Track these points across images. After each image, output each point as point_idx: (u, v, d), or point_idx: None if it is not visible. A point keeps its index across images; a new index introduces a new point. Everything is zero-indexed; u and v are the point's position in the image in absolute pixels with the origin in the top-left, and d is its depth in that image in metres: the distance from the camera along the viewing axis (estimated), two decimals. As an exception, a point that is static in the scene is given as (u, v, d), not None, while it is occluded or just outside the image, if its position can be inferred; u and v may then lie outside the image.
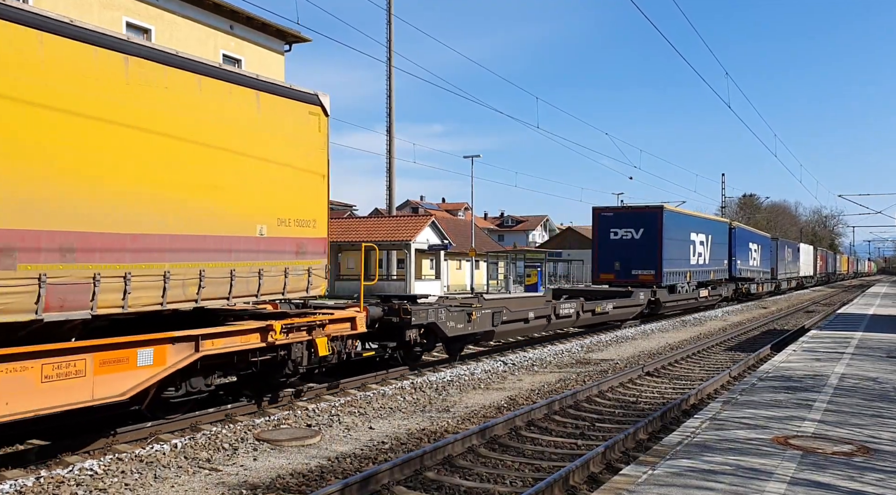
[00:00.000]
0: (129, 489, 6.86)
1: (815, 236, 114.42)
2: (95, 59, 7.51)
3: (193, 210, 8.54)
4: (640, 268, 24.98)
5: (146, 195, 7.96)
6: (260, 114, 9.64)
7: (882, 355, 13.93)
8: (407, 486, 7.06)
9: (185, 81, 8.55)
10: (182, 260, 8.38)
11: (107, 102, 7.59)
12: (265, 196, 9.61)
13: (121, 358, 7.72)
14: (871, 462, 6.39)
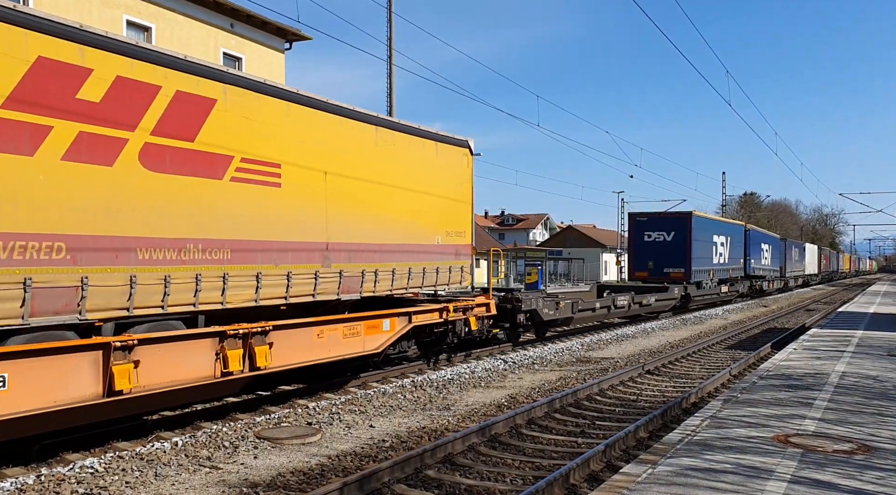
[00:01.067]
0: (130, 487, 6.87)
1: (815, 235, 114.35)
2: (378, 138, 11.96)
3: (406, 228, 12.63)
4: (671, 266, 28.06)
5: (385, 220, 12.05)
6: (437, 159, 13.68)
7: (882, 353, 13.92)
8: (407, 484, 7.06)
9: (403, 140, 12.68)
10: (401, 260, 12.48)
11: (367, 163, 11.66)
12: (439, 216, 13.59)
13: (375, 325, 11.60)
14: (871, 460, 6.39)
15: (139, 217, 8.04)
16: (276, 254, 9.79)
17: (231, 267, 9.08)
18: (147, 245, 8.13)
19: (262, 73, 29.32)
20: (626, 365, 15.29)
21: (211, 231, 8.84)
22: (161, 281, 8.23)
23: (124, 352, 7.66)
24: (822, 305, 38.22)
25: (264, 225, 9.63)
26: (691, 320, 26.43)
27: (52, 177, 7.21)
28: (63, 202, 7.31)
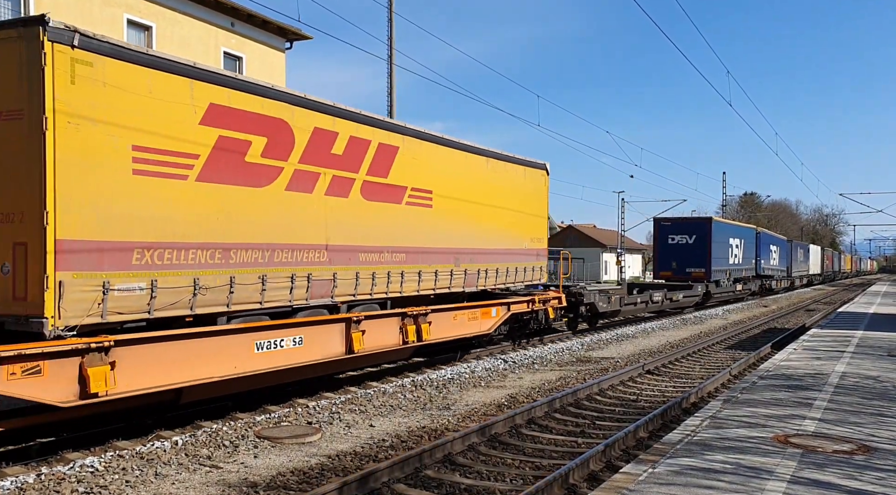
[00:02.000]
0: (130, 486, 6.87)
1: (816, 235, 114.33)
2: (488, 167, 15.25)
3: (505, 236, 15.89)
4: (692, 266, 31.08)
5: (492, 230, 15.26)
6: (524, 180, 16.81)
7: (883, 354, 13.92)
8: (407, 484, 7.06)
9: (503, 167, 15.79)
10: (503, 261, 15.68)
11: (481, 187, 14.86)
12: (526, 226, 16.80)
13: (487, 312, 14.94)
14: (871, 460, 6.40)
15: (361, 232, 11.35)
16: (430, 257, 13.18)
17: (405, 266, 12.48)
18: (365, 250, 11.48)
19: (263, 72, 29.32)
20: (626, 365, 15.29)
21: (395, 241, 12.20)
22: (370, 276, 11.59)
23: (357, 324, 11.15)
24: (822, 305, 38.22)
25: (423, 235, 12.97)
26: (691, 320, 26.44)
27: (321, 207, 10.56)
28: (324, 223, 10.60)
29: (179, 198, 8.40)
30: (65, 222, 7.20)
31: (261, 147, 9.48)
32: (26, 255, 7.16)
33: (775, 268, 45.84)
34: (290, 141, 9.96)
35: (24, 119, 7.17)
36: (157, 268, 8.14)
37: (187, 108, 8.53)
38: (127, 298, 7.81)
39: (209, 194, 8.76)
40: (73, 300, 7.29)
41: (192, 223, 8.53)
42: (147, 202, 8.03)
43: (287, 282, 9.93)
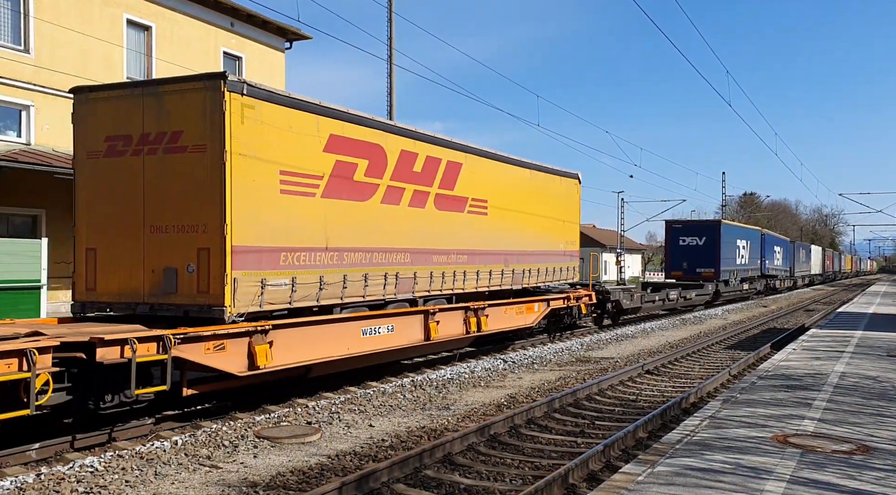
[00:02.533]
0: (130, 486, 6.87)
1: (815, 235, 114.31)
2: (531, 178, 17.28)
3: (545, 239, 17.87)
4: (702, 267, 32.66)
5: (534, 235, 17.28)
6: (560, 188, 18.84)
7: (882, 354, 13.93)
8: (407, 484, 7.07)
9: (543, 178, 17.85)
10: (543, 261, 17.66)
11: (526, 197, 16.91)
12: (561, 231, 18.85)
13: (531, 307, 16.80)
14: (870, 461, 6.40)
15: (434, 237, 13.34)
16: (485, 258, 15.11)
17: (467, 266, 14.48)
18: (436, 253, 13.49)
19: (263, 72, 29.31)
20: (626, 365, 15.29)
21: (459, 244, 14.22)
22: (440, 275, 13.64)
23: (433, 315, 13.06)
24: (821, 305, 38.22)
25: (480, 240, 14.90)
26: (691, 320, 26.45)
27: (406, 216, 12.57)
28: (408, 230, 12.60)
29: (309, 211, 10.43)
30: (237, 232, 9.18)
31: (364, 168, 11.56)
32: (209, 258, 9.09)
33: (779, 268, 47.53)
34: (384, 162, 12.04)
35: (206, 151, 9.12)
36: (296, 268, 10.17)
37: (315, 138, 10.58)
38: (276, 291, 9.84)
39: (329, 208, 10.80)
40: (243, 293, 9.27)
41: (317, 231, 10.57)
42: (289, 215, 10.05)
43: (382, 280, 12.03)
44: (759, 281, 42.13)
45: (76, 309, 10.02)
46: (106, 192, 9.75)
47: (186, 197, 9.23)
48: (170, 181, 9.34)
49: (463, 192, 14.26)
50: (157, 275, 9.40)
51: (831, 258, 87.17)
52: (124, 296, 9.62)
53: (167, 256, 9.35)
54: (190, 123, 9.19)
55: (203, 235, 9.12)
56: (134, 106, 9.56)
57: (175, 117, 9.29)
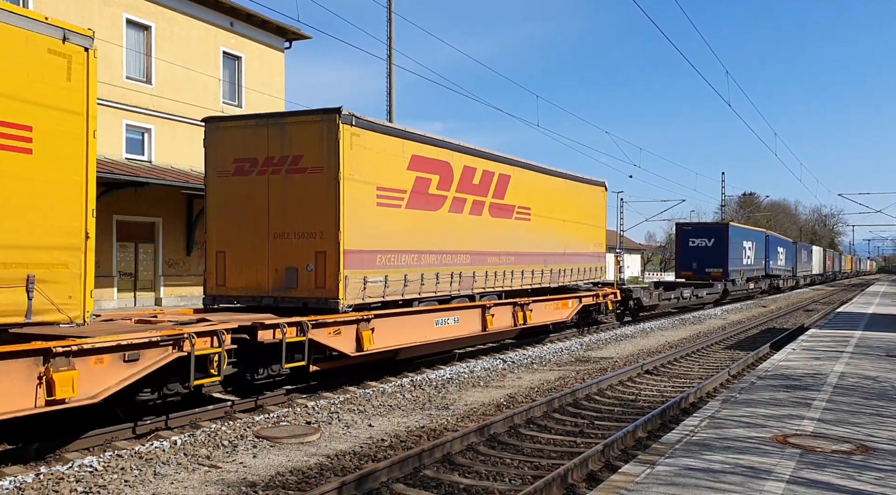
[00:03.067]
0: (129, 485, 6.87)
1: (814, 235, 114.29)
2: (566, 186, 19.07)
3: (577, 242, 19.70)
4: (711, 267, 34.20)
5: (569, 238, 19.13)
6: (589, 196, 20.65)
7: (881, 354, 13.93)
8: (406, 484, 7.06)
9: (575, 186, 19.67)
10: (576, 262, 19.57)
11: (561, 204, 18.72)
12: (590, 235, 20.63)
13: (566, 303, 18.69)
14: (870, 461, 6.40)
15: (488, 241, 15.22)
16: (529, 259, 17.01)
17: (514, 266, 16.34)
18: (490, 255, 15.29)
19: (262, 71, 29.27)
20: (625, 365, 15.29)
21: (508, 247, 16.03)
22: (493, 274, 15.46)
23: (488, 309, 14.91)
24: (820, 305, 38.22)
25: (525, 243, 16.81)
26: (690, 320, 26.45)
27: (466, 223, 14.54)
28: (468, 235, 14.52)
29: (396, 220, 12.41)
30: (347, 238, 11.11)
31: (436, 182, 13.59)
32: (325, 260, 11.07)
33: (782, 268, 49.49)
34: (451, 176, 14.05)
35: (323, 172, 11.09)
36: (387, 268, 12.20)
37: (401, 159, 12.58)
38: (374, 287, 11.83)
39: (411, 217, 12.85)
40: (351, 288, 11.23)
41: (402, 236, 12.58)
42: (382, 224, 12.03)
43: (449, 278, 14.00)
44: (764, 280, 43.71)
45: (207, 301, 12.01)
46: (234, 205, 11.74)
47: (305, 209, 11.21)
48: (291, 196, 11.30)
49: (511, 201, 16.25)
50: (279, 273, 11.39)
51: (832, 258, 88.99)
52: (250, 291, 11.62)
53: (288, 258, 11.33)
54: (309, 149, 11.21)
55: (320, 241, 11.12)
56: (260, 134, 11.57)
57: (296, 144, 11.31)
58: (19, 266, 6.86)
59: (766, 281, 44.74)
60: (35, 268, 6.96)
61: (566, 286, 19.39)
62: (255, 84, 28.82)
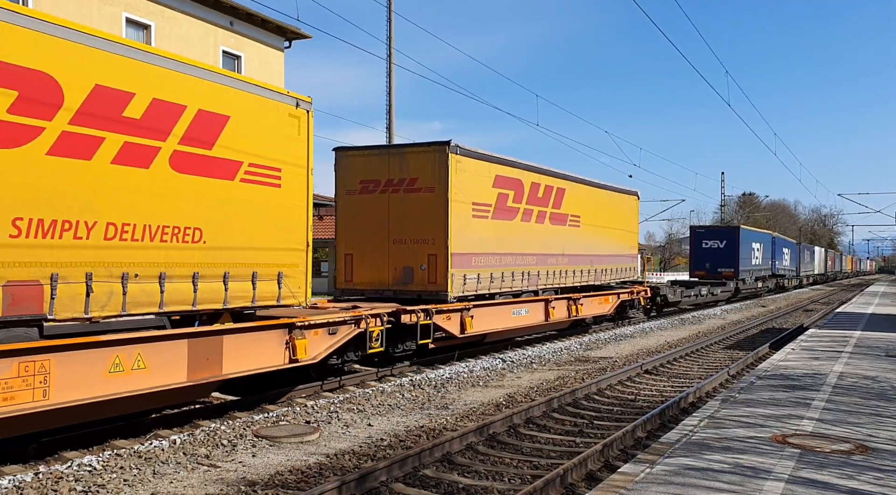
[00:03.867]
0: (128, 485, 6.86)
1: (814, 235, 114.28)
2: (607, 196, 21.94)
3: (616, 246, 22.27)
4: (723, 267, 36.61)
5: (609, 242, 21.74)
6: (625, 203, 23.40)
7: (881, 354, 13.94)
8: (405, 483, 7.06)
9: (615, 196, 22.35)
10: (615, 263, 22.01)
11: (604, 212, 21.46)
12: (625, 238, 23.25)
13: (607, 299, 21.59)
14: (869, 460, 6.40)
15: (549, 244, 18.05)
16: (578, 260, 19.72)
17: (568, 267, 19.02)
18: (550, 257, 18.08)
19: (262, 71, 29.27)
20: (625, 364, 15.29)
21: (563, 250, 18.78)
22: (552, 272, 18.20)
23: (550, 303, 17.81)
24: (820, 305, 38.23)
25: (576, 246, 19.54)
26: (689, 320, 26.45)
27: (534, 230, 17.29)
28: (535, 240, 17.31)
29: (485, 229, 15.17)
30: (453, 244, 13.96)
31: (512, 196, 16.21)
32: (436, 261, 13.91)
33: (787, 268, 52.49)
34: (522, 191, 16.70)
35: (435, 192, 13.93)
36: (479, 267, 14.96)
37: (487, 178, 15.33)
38: (470, 283, 14.63)
39: (495, 226, 15.55)
40: (455, 283, 14.10)
41: (489, 242, 15.30)
42: (476, 232, 14.78)
43: (521, 276, 16.68)
44: (771, 280, 46.43)
45: (336, 293, 14.90)
46: (360, 217, 14.47)
47: (420, 221, 14.04)
48: (408, 210, 14.14)
49: (566, 210, 18.95)
50: (398, 271, 14.29)
51: (833, 258, 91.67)
52: (374, 285, 14.44)
53: (405, 259, 14.22)
54: (423, 173, 14.06)
55: (432, 246, 13.97)
56: (382, 161, 14.41)
57: (413, 169, 14.14)
58: (274, 265, 10.00)
59: (773, 280, 47.14)
60: (282, 267, 10.13)
61: (607, 284, 22.26)
62: (254, 83, 28.81)
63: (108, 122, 7.75)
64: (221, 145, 9.11)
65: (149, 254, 8.24)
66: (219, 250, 9.12)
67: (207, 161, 8.93)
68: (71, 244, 7.44)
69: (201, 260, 8.87)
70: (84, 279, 7.55)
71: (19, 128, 6.99)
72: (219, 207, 9.10)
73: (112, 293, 7.83)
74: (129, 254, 8.01)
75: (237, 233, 9.38)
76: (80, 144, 7.50)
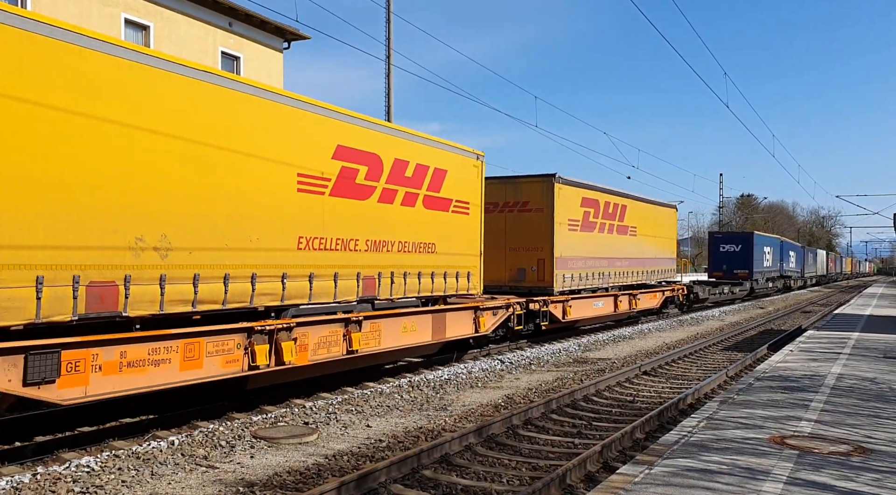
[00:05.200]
0: (126, 486, 6.85)
1: (812, 237, 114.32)
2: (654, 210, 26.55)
3: (660, 250, 26.37)
4: (738, 268, 40.87)
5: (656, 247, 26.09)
6: (666, 215, 27.59)
7: (879, 355, 13.95)
8: (404, 484, 7.06)
9: (661, 210, 27.06)
10: (658, 265, 26.18)
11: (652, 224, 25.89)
12: (665, 245, 27.04)
13: (655, 295, 25.97)
14: (867, 462, 6.41)
15: (616, 250, 22.03)
16: (635, 262, 23.51)
17: (628, 268, 22.88)
18: (617, 260, 21.98)
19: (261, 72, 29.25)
20: (623, 366, 15.29)
21: (625, 254, 22.68)
22: (618, 272, 22.14)
23: (617, 297, 22.07)
24: (818, 307, 38.25)
25: (634, 251, 23.43)
26: (688, 321, 26.46)
27: (605, 238, 21.22)
28: (606, 247, 21.39)
29: (575, 238, 19.26)
30: (556, 250, 18.03)
31: (592, 213, 20.41)
32: (544, 264, 17.98)
33: (793, 269, 57.03)
34: (599, 209, 20.84)
35: (544, 211, 18.05)
36: (573, 269, 19.05)
37: (577, 200, 19.41)
38: (566, 281, 18.61)
39: (581, 236, 19.60)
40: (558, 280, 18.16)
41: (578, 248, 19.38)
42: (569, 241, 18.84)
43: (598, 275, 20.80)
44: (779, 280, 50.98)
45: None
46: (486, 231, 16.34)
47: (530, 233, 18.28)
48: (521, 225, 18.37)
49: (627, 223, 22.97)
50: (513, 271, 18.43)
51: (834, 260, 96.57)
52: (494, 282, 17.92)
53: (519, 262, 18.42)
54: (533, 197, 18.32)
55: (540, 252, 18.21)
56: (500, 188, 18.47)
57: (524, 194, 18.46)
58: (464, 267, 14.43)
59: (781, 281, 51.79)
60: (469, 268, 14.60)
61: (655, 282, 26.49)
62: (253, 84, 28.78)
63: (398, 180, 12.41)
64: (444, 189, 13.81)
65: (414, 259, 12.94)
66: (443, 255, 13.76)
67: (438, 200, 13.66)
68: (387, 254, 12.10)
69: (436, 263, 13.53)
70: (389, 275, 12.17)
71: (367, 188, 11.64)
72: (442, 229, 13.73)
73: (400, 283, 12.47)
74: (406, 259, 12.67)
75: (450, 245, 14.01)
76: (389, 195, 12.18)
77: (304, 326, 10.26)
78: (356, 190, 11.33)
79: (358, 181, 11.36)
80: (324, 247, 10.68)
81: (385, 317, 12.07)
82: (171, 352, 8.28)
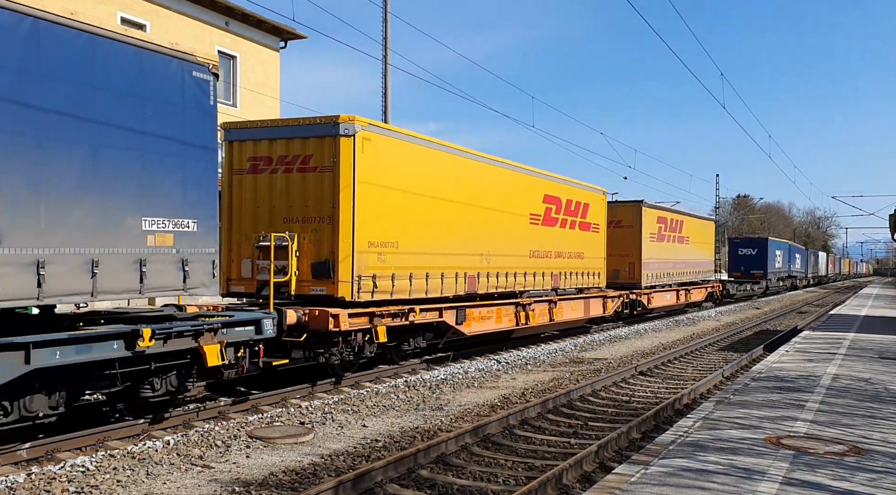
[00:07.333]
0: (121, 486, 6.83)
1: (808, 237, 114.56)
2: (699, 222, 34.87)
3: (701, 254, 33.69)
4: (755, 269, 46.78)
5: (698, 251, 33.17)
6: (706, 227, 35.61)
7: (874, 356, 13.98)
8: (400, 484, 7.05)
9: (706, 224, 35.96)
10: (699, 267, 33.17)
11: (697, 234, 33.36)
12: (706, 250, 34.54)
13: (701, 290, 33.15)
14: (862, 462, 6.42)
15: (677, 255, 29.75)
16: (688, 264, 30.56)
17: (683, 269, 29.89)
18: (677, 263, 29.34)
19: (257, 71, 29.20)
20: (619, 366, 15.30)
21: (682, 258, 29.88)
22: (677, 272, 29.49)
23: (680, 292, 29.95)
24: (813, 308, 38.34)
25: (686, 256, 30.32)
26: (684, 322, 26.51)
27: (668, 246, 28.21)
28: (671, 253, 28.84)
29: (653, 247, 25.74)
30: (644, 256, 24.98)
31: (662, 228, 26.65)
32: (634, 266, 24.78)
33: (799, 270, 63.46)
34: (667, 224, 27.28)
35: (634, 228, 24.94)
36: (654, 269, 25.91)
37: (654, 218, 26.10)
38: (650, 278, 25.61)
39: (657, 246, 26.18)
40: (645, 278, 25.09)
41: (654, 254, 25.79)
42: (650, 249, 25.43)
43: (666, 275, 26.92)
44: (787, 280, 57.10)
45: None
46: None
47: (624, 244, 24.38)
48: (616, 238, 23.96)
49: (683, 234, 29.58)
50: (611, 271, 22.93)
51: (833, 261, 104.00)
52: None
53: (616, 265, 23.94)
54: (626, 217, 24.71)
55: (631, 257, 24.47)
56: None
57: (619, 214, 24.64)
58: (597, 268, 21.61)
59: (789, 280, 58.37)
60: (598, 269, 21.59)
61: (700, 280, 32.35)
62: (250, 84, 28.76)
63: (568, 212, 19.55)
64: (588, 216, 20.81)
65: (574, 263, 19.87)
66: (587, 260, 20.63)
67: (585, 224, 20.68)
68: (563, 259, 19.16)
69: (584, 265, 20.48)
70: (566, 273, 19.23)
71: (555, 219, 18.85)
72: (587, 242, 20.79)
73: (567, 278, 19.40)
74: (570, 263, 19.60)
75: (590, 253, 20.89)
76: (564, 223, 19.31)
77: (533, 303, 17.28)
78: (551, 220, 18.65)
79: (552, 215, 18.72)
80: (538, 255, 17.85)
81: (564, 300, 19.01)
82: (492, 312, 15.58)
